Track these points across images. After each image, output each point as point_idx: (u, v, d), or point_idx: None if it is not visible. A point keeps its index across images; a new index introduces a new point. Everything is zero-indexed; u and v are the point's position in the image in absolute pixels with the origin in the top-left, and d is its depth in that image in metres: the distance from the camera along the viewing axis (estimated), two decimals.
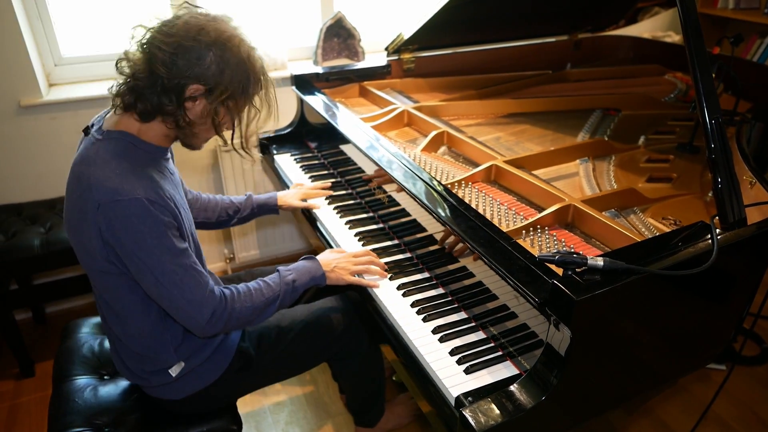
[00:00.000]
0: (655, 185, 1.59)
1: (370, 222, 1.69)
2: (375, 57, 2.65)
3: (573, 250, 1.25)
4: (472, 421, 0.99)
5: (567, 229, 1.37)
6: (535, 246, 1.30)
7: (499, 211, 1.44)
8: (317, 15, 2.68)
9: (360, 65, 2.29)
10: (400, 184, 1.47)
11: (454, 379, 1.13)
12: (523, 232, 1.34)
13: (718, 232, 1.14)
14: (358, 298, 1.51)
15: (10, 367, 2.20)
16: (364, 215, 1.72)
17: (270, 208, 1.75)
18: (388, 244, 1.58)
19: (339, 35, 2.62)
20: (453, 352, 1.19)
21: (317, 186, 1.86)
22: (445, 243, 1.40)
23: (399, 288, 1.39)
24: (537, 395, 1.02)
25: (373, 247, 1.55)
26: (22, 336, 2.11)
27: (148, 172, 1.15)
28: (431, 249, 1.46)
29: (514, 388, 1.04)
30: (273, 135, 2.21)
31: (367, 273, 1.43)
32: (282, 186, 2.01)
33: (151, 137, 1.18)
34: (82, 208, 1.12)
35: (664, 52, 2.57)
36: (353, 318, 1.55)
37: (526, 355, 1.15)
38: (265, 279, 1.33)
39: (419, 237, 1.51)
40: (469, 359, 1.17)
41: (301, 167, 2.04)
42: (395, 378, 2.03)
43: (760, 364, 2.18)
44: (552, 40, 2.63)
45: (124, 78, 1.14)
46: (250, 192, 1.76)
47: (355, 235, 1.62)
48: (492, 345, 1.21)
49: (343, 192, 1.86)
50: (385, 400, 1.83)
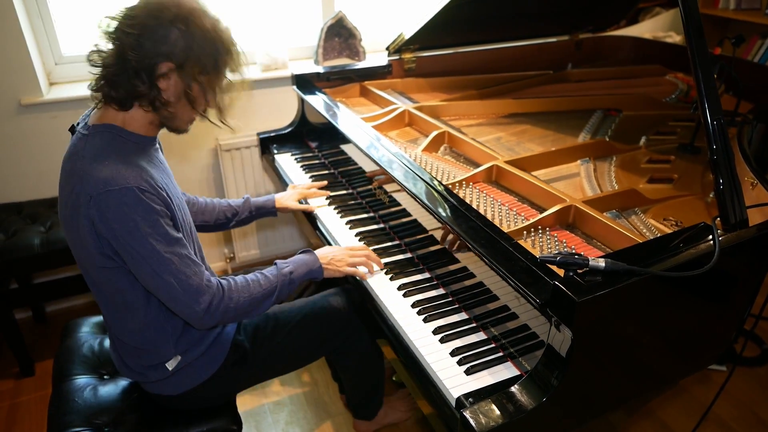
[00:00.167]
0: (657, 186, 1.59)
1: (371, 222, 1.69)
2: (376, 57, 2.65)
3: (574, 251, 1.25)
4: (473, 422, 0.99)
5: (568, 230, 1.37)
6: (536, 247, 1.30)
7: (500, 211, 1.44)
8: (318, 14, 2.68)
9: (361, 65, 2.29)
10: (400, 184, 1.46)
11: (455, 380, 1.13)
12: (524, 232, 1.33)
13: (719, 233, 1.14)
14: (358, 298, 1.51)
15: (9, 366, 2.20)
16: (364, 215, 1.72)
17: (268, 211, 1.75)
18: (389, 244, 1.58)
19: (340, 35, 2.61)
20: (454, 353, 1.19)
21: (313, 186, 1.86)
22: (445, 242, 1.40)
23: (400, 288, 1.39)
24: (538, 396, 1.02)
25: (374, 248, 1.55)
26: (22, 335, 2.11)
27: (138, 161, 1.14)
28: (432, 249, 1.46)
29: (515, 389, 1.04)
30: (274, 134, 2.21)
31: (363, 266, 1.44)
32: (282, 185, 2.00)
33: (136, 127, 1.18)
34: (74, 203, 1.12)
35: (666, 52, 2.57)
36: (353, 312, 1.56)
37: (527, 356, 1.15)
38: (262, 271, 1.34)
39: (420, 237, 1.51)
40: (470, 360, 1.17)
41: (301, 167, 2.04)
42: (395, 378, 2.03)
43: (760, 365, 2.18)
44: (553, 40, 2.63)
45: (98, 72, 1.14)
46: (247, 195, 1.76)
47: (356, 235, 1.62)
48: (493, 346, 1.21)
49: (343, 192, 1.86)
50: (384, 394, 1.83)
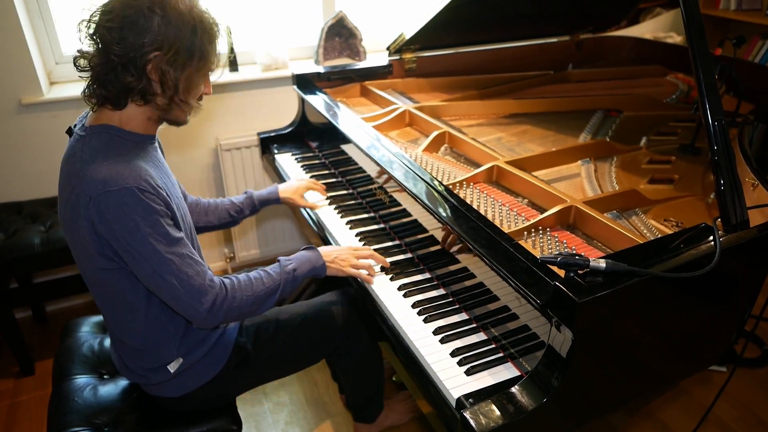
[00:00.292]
0: (657, 187, 1.59)
1: (371, 222, 1.68)
2: (376, 57, 2.64)
3: (575, 252, 1.25)
4: (473, 423, 0.99)
5: (569, 231, 1.37)
6: (537, 247, 1.30)
7: (501, 212, 1.44)
8: (319, 14, 2.68)
9: (361, 65, 2.28)
10: (401, 185, 1.46)
11: (455, 380, 1.13)
12: (524, 233, 1.33)
13: (720, 234, 1.14)
14: (358, 296, 1.51)
15: (9, 365, 2.20)
16: (365, 215, 1.72)
17: (272, 202, 1.76)
18: (389, 244, 1.58)
19: (340, 35, 2.61)
20: (454, 353, 1.19)
21: (316, 183, 1.86)
22: (445, 243, 1.40)
23: (400, 289, 1.39)
24: (538, 397, 1.01)
25: (374, 248, 1.54)
26: (22, 334, 2.11)
27: (137, 161, 1.13)
28: (432, 249, 1.46)
29: (515, 389, 1.04)
30: (274, 134, 2.21)
31: (366, 269, 1.43)
32: None
33: (134, 126, 1.17)
34: (74, 205, 1.11)
35: (666, 53, 2.57)
36: (353, 313, 1.55)
37: (528, 357, 1.15)
38: (265, 269, 1.33)
39: (420, 237, 1.51)
40: (470, 360, 1.16)
41: (302, 167, 2.04)
42: (395, 379, 2.03)
43: (760, 367, 2.18)
44: (554, 40, 2.63)
45: (87, 75, 1.13)
46: (250, 189, 1.75)
47: (356, 235, 1.62)
48: (493, 346, 1.21)
49: (344, 192, 1.86)
50: (385, 397, 1.83)
